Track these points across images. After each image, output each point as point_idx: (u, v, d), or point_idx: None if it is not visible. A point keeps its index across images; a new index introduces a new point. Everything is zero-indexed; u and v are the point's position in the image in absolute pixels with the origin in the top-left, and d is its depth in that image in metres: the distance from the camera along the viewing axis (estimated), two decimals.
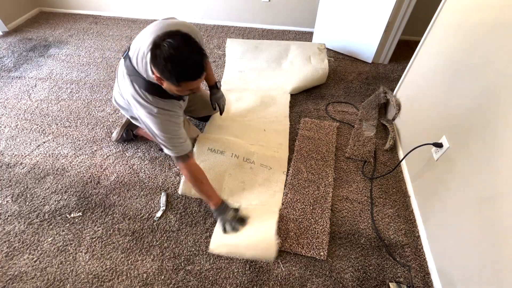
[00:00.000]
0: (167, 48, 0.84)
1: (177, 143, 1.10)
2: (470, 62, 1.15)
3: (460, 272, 1.04)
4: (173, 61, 0.85)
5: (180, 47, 0.85)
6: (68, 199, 1.40)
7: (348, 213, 1.40)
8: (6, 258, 1.19)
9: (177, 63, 0.85)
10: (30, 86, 2.05)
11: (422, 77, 1.55)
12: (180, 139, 1.11)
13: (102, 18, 2.93)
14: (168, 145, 1.09)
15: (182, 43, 0.86)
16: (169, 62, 0.85)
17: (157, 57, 0.86)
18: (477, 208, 0.99)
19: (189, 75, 0.89)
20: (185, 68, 0.87)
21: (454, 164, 1.15)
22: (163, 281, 1.15)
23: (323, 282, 1.17)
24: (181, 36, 0.88)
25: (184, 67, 0.87)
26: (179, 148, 1.11)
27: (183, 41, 0.87)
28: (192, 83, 0.92)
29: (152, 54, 0.88)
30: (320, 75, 2.08)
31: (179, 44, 0.85)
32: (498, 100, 0.97)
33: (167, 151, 1.12)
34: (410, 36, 2.67)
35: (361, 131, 1.78)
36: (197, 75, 0.90)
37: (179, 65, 0.86)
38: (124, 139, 1.64)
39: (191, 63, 0.88)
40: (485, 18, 1.10)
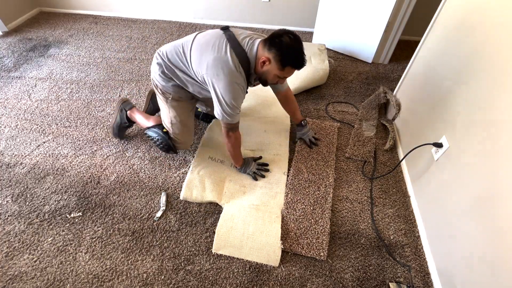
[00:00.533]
0: (288, 39, 1.10)
1: (237, 113, 1.24)
2: (470, 62, 1.15)
3: (460, 272, 1.04)
4: (291, 49, 1.11)
5: (296, 42, 1.11)
6: (68, 199, 1.40)
7: (348, 213, 1.40)
8: (6, 258, 1.19)
9: (294, 51, 1.11)
10: (30, 86, 2.05)
11: (422, 77, 1.55)
12: (238, 109, 1.25)
13: (102, 18, 2.93)
14: (231, 112, 1.22)
15: (297, 39, 1.12)
16: (288, 49, 1.10)
17: (280, 43, 1.10)
18: (477, 208, 0.99)
19: (297, 63, 1.13)
20: (298, 57, 1.12)
21: (454, 164, 1.15)
22: (163, 281, 1.15)
23: (323, 282, 1.17)
24: (295, 35, 1.13)
25: (297, 55, 1.12)
26: (236, 117, 1.26)
27: (297, 39, 1.13)
28: (292, 70, 1.16)
29: (273, 40, 1.11)
30: (321, 76, 2.08)
31: (296, 39, 1.12)
32: (498, 100, 0.97)
33: (226, 119, 1.24)
34: (410, 36, 2.67)
35: (361, 131, 1.78)
36: (301, 65, 1.14)
37: (295, 53, 1.12)
38: (119, 124, 1.59)
39: (302, 55, 1.13)
40: (485, 18, 1.10)
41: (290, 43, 1.10)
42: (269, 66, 1.15)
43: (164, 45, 1.36)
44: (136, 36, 2.67)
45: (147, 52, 2.46)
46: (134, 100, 1.97)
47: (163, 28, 2.81)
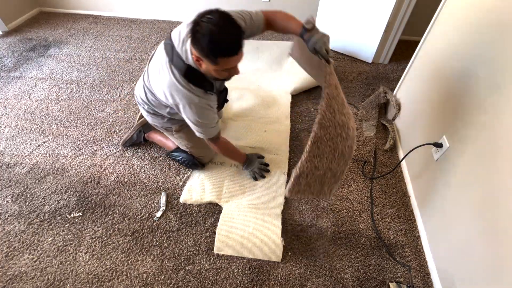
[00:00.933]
0: (206, 24, 0.86)
1: (210, 127, 1.19)
2: (470, 62, 1.15)
3: (460, 272, 1.04)
4: (212, 35, 0.86)
5: (218, 22, 0.86)
6: (68, 199, 1.40)
7: (348, 213, 1.40)
8: (6, 258, 1.19)
9: (215, 37, 0.86)
10: (30, 86, 2.05)
11: (422, 77, 1.55)
12: (213, 125, 1.19)
13: (102, 18, 2.93)
14: (202, 130, 1.17)
15: (220, 18, 0.87)
16: (207, 36, 0.86)
17: (197, 34, 0.88)
18: (477, 208, 0.99)
19: (226, 50, 0.90)
20: (223, 42, 0.88)
21: (454, 164, 1.15)
22: (163, 281, 1.15)
23: (323, 282, 1.17)
24: (219, 13, 0.89)
25: (221, 41, 0.87)
26: (212, 131, 1.20)
27: (221, 17, 0.88)
28: (229, 60, 0.92)
29: (192, 32, 0.89)
30: None
31: (218, 20, 0.87)
32: (498, 100, 0.97)
33: (199, 135, 1.21)
34: (410, 36, 2.67)
35: (361, 131, 1.78)
36: (234, 49, 0.90)
37: (217, 39, 0.86)
38: (133, 141, 1.62)
39: (229, 37, 0.88)
40: (485, 18, 1.10)
41: (208, 29, 0.85)
42: (204, 65, 0.97)
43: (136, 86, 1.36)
44: (136, 36, 2.67)
45: (147, 52, 2.46)
46: (134, 100, 1.97)
47: (163, 28, 2.81)
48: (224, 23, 0.88)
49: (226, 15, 0.89)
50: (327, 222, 1.36)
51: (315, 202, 1.44)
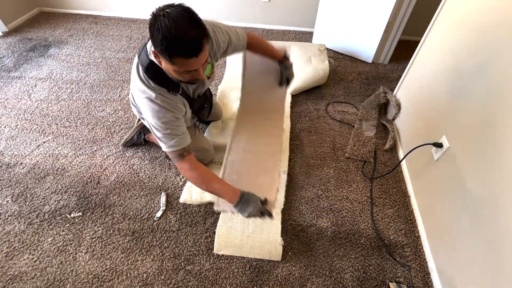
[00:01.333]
0: (163, 18, 0.75)
1: (172, 134, 0.98)
2: (470, 62, 1.15)
3: (460, 272, 1.04)
4: (166, 32, 0.75)
5: (176, 18, 0.76)
6: (68, 199, 1.40)
7: (348, 213, 1.40)
8: (6, 258, 1.19)
9: (170, 34, 0.75)
10: (30, 86, 2.05)
11: (422, 77, 1.55)
12: (176, 131, 1.00)
13: (102, 18, 2.93)
14: (161, 135, 0.98)
15: (179, 14, 0.77)
16: (161, 32, 0.75)
17: (152, 27, 0.78)
18: (477, 208, 0.99)
19: (182, 50, 0.79)
20: (178, 41, 0.77)
21: (454, 164, 1.15)
22: (163, 281, 1.15)
23: (323, 282, 1.17)
24: (181, 7, 0.79)
25: (177, 39, 0.76)
26: (174, 140, 0.99)
27: (181, 12, 0.77)
28: (186, 61, 0.82)
29: (149, 26, 0.79)
30: (321, 76, 2.08)
31: (176, 15, 0.76)
32: (498, 99, 0.97)
33: (163, 146, 1.01)
34: (410, 36, 2.67)
35: (361, 131, 1.78)
36: (192, 51, 0.80)
37: (172, 36, 0.76)
38: (133, 142, 1.62)
39: (186, 37, 0.77)
40: (485, 18, 1.10)
41: (164, 24, 0.75)
42: (163, 63, 0.88)
43: None
44: (136, 36, 2.67)
45: None
46: None
47: None
48: (184, 19, 0.77)
49: (189, 11, 0.80)
50: (327, 222, 1.36)
51: (315, 202, 1.44)
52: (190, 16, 0.79)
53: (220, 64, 2.36)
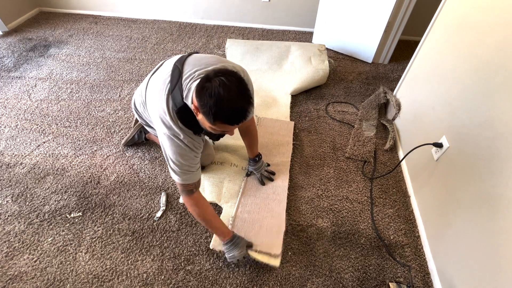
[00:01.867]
0: (218, 84, 0.80)
1: (187, 170, 1.03)
2: (470, 62, 1.15)
3: (460, 272, 1.04)
4: (218, 100, 0.79)
5: (230, 88, 0.80)
6: (68, 199, 1.40)
7: (348, 213, 1.40)
8: (6, 258, 1.19)
9: (221, 103, 0.80)
10: (30, 86, 2.05)
11: (422, 77, 1.55)
12: (192, 168, 1.04)
13: (102, 18, 2.93)
14: (178, 170, 1.02)
15: (233, 84, 0.81)
16: (214, 99, 0.80)
17: (204, 89, 0.81)
18: (477, 208, 0.99)
19: (228, 119, 0.84)
20: (227, 111, 0.82)
21: (454, 164, 1.15)
22: (163, 281, 1.15)
23: (323, 282, 1.17)
24: (235, 77, 0.83)
25: (226, 109, 0.81)
26: (188, 175, 1.04)
27: (235, 83, 0.82)
28: (228, 126, 0.87)
29: (200, 85, 0.84)
30: (321, 76, 2.08)
31: (231, 85, 0.80)
32: (498, 99, 0.97)
33: (174, 176, 1.05)
34: (410, 36, 2.67)
35: (361, 131, 1.78)
36: (236, 121, 0.84)
37: (222, 105, 0.80)
38: (135, 141, 1.63)
39: (235, 108, 0.82)
40: (485, 18, 1.10)
41: (217, 91, 0.79)
42: (200, 117, 0.89)
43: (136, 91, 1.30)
44: (136, 36, 2.67)
45: (147, 52, 2.47)
46: None
47: (163, 28, 2.81)
48: (236, 91, 0.81)
49: (242, 82, 0.84)
50: (327, 222, 1.36)
51: (315, 202, 1.44)
52: (242, 87, 0.83)
53: None
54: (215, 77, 0.81)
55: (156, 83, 1.06)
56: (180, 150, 1.00)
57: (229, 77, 0.82)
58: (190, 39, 2.67)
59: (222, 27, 2.89)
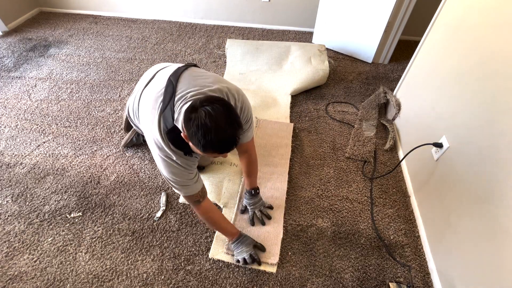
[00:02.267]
0: (203, 115, 0.78)
1: (185, 185, 1.03)
2: (470, 62, 1.15)
3: (460, 272, 1.04)
4: (206, 132, 0.78)
5: (217, 118, 0.78)
6: (68, 199, 1.40)
7: (348, 213, 1.40)
8: (6, 258, 1.19)
9: (209, 134, 0.78)
10: (30, 86, 2.05)
11: (422, 77, 1.55)
12: (189, 182, 1.03)
13: (102, 18, 2.93)
14: (176, 185, 1.02)
15: (220, 113, 0.79)
16: (201, 131, 0.78)
17: (191, 121, 0.80)
18: (477, 208, 0.99)
19: (217, 148, 0.82)
20: (215, 141, 0.80)
21: (454, 164, 1.15)
22: (163, 281, 1.15)
23: (323, 282, 1.17)
24: (222, 105, 0.81)
25: (214, 140, 0.79)
26: (188, 188, 1.03)
27: (222, 111, 0.80)
28: (219, 154, 0.86)
29: (186, 116, 0.82)
30: (321, 76, 2.08)
31: (217, 114, 0.78)
32: (498, 99, 0.97)
33: (176, 191, 1.06)
34: (410, 36, 2.67)
35: (361, 131, 1.78)
36: (226, 149, 0.84)
37: (210, 137, 0.79)
38: (133, 143, 1.62)
39: (223, 138, 0.80)
40: (485, 18, 1.10)
41: (204, 123, 0.77)
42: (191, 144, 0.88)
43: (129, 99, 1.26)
44: (136, 36, 2.67)
45: (147, 52, 2.47)
46: None
47: (163, 28, 2.81)
48: (223, 120, 0.79)
49: (229, 109, 0.82)
50: (327, 222, 1.36)
51: (315, 202, 1.44)
52: (228, 114, 0.81)
53: (220, 64, 2.36)
54: (201, 107, 0.79)
55: (148, 100, 1.02)
56: (174, 169, 0.99)
57: (215, 106, 0.79)
58: (190, 39, 2.67)
59: (222, 27, 2.89)
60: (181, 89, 0.97)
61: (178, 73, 1.03)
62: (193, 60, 2.40)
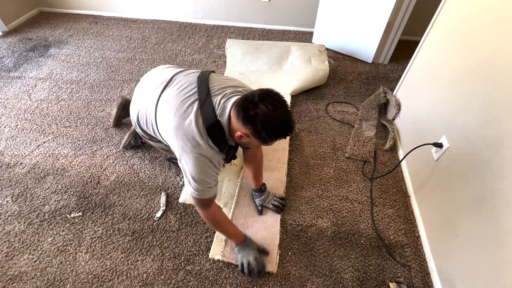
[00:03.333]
0: (266, 110, 0.86)
1: (208, 187, 1.03)
2: (470, 62, 1.15)
3: (460, 272, 1.04)
4: (273, 121, 0.87)
5: (275, 111, 0.87)
6: (68, 199, 1.40)
7: (348, 213, 1.40)
8: (6, 258, 1.19)
9: (276, 123, 0.88)
10: (30, 86, 2.05)
11: (422, 77, 1.55)
12: (211, 184, 1.04)
13: (102, 18, 2.93)
14: (198, 186, 1.01)
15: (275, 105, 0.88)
16: (270, 121, 0.87)
17: (256, 117, 0.87)
18: (477, 208, 0.99)
19: (284, 135, 0.92)
20: (283, 130, 0.90)
21: (454, 164, 1.15)
22: (163, 281, 1.15)
23: (323, 282, 1.17)
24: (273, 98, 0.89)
25: (279, 129, 0.90)
26: (207, 191, 1.03)
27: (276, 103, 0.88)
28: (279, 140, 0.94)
29: (246, 112, 0.88)
30: (321, 76, 2.08)
31: (274, 108, 0.87)
32: (498, 99, 0.97)
33: (191, 191, 1.03)
34: (410, 36, 2.67)
35: (361, 131, 1.78)
36: (288, 134, 0.93)
37: (277, 125, 0.89)
38: (132, 145, 1.62)
39: (286, 125, 0.90)
40: (485, 18, 1.10)
41: (269, 114, 0.86)
42: (249, 139, 0.95)
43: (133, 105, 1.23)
44: (136, 36, 2.67)
45: (147, 52, 2.47)
46: None
47: (163, 28, 2.81)
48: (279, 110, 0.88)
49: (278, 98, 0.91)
50: (327, 222, 1.36)
51: (315, 202, 1.44)
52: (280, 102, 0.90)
53: (220, 64, 2.36)
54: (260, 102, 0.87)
55: (176, 100, 1.01)
56: (204, 167, 0.99)
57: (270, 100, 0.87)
58: (190, 39, 2.67)
59: (222, 27, 2.89)
60: (215, 88, 1.02)
61: (205, 75, 1.07)
62: (193, 60, 2.40)
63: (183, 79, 1.08)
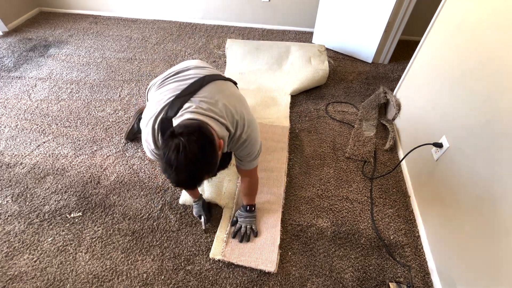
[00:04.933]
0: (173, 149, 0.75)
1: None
2: (470, 62, 1.15)
3: (460, 272, 1.04)
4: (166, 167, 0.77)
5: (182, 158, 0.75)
6: (68, 199, 1.40)
7: (348, 213, 1.40)
8: (6, 258, 1.19)
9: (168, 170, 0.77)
10: (30, 86, 2.05)
11: (422, 77, 1.55)
12: None
13: (102, 18, 2.93)
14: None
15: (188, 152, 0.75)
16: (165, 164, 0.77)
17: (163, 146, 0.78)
18: (477, 208, 0.99)
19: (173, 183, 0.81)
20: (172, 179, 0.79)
21: (454, 164, 1.15)
22: (163, 281, 1.15)
23: (323, 282, 1.17)
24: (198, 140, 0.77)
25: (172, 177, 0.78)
26: None
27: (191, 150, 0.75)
28: None
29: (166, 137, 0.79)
30: (321, 76, 2.08)
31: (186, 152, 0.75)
32: (498, 99, 0.97)
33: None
34: (410, 36, 2.67)
35: (361, 131, 1.78)
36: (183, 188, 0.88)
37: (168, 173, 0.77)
38: (134, 131, 1.62)
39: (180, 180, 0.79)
40: (485, 18, 1.10)
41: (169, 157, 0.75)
42: None
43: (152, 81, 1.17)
44: (136, 36, 2.67)
45: (147, 52, 2.47)
46: (134, 100, 1.97)
47: (163, 28, 2.81)
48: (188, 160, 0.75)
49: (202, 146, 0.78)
50: (327, 222, 1.36)
51: (315, 202, 1.44)
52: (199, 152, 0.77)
53: (220, 64, 2.36)
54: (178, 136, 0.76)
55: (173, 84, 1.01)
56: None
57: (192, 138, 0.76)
58: (190, 39, 2.67)
59: (222, 27, 2.89)
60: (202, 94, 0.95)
61: (215, 78, 1.02)
62: None
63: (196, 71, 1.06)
